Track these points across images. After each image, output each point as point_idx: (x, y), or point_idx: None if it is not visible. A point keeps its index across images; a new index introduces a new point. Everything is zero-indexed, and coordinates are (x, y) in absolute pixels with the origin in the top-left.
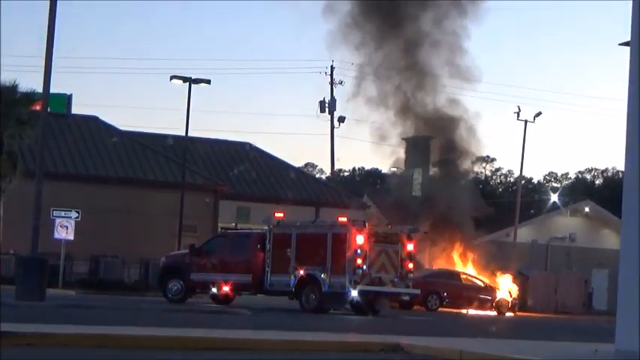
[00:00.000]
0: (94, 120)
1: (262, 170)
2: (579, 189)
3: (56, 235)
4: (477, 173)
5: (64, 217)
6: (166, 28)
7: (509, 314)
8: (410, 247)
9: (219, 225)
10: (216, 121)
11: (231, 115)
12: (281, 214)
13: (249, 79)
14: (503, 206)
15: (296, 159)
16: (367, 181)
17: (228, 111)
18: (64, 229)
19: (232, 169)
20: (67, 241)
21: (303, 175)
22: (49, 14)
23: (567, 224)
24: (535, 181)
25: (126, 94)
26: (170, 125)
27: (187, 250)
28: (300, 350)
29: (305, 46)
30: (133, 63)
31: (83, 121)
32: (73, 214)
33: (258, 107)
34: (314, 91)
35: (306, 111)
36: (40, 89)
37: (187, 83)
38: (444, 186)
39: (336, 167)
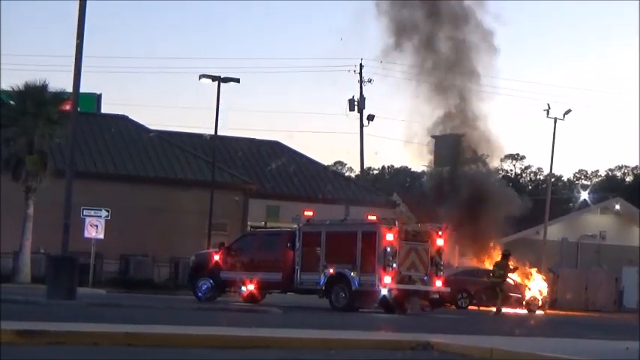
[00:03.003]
0: (123, 119)
1: (292, 169)
2: (609, 186)
3: (86, 234)
4: (507, 171)
5: (94, 216)
6: (195, 27)
7: (539, 312)
8: (439, 244)
9: (249, 223)
10: (245, 119)
11: (260, 114)
12: (310, 213)
13: (278, 77)
14: (533, 204)
15: (326, 157)
16: (397, 179)
17: (257, 109)
18: (95, 228)
19: (262, 168)
20: (98, 240)
21: (333, 173)
22: (79, 14)
23: (597, 222)
24: (565, 178)
25: (155, 94)
26: (199, 124)
27: (217, 249)
28: (331, 348)
29: (334, 43)
30: (162, 62)
31: (113, 120)
32: (103, 213)
33: (288, 106)
34: (343, 90)
35: (336, 109)
36: (69, 89)
37: (216, 82)
38: (473, 184)
39: (367, 165)
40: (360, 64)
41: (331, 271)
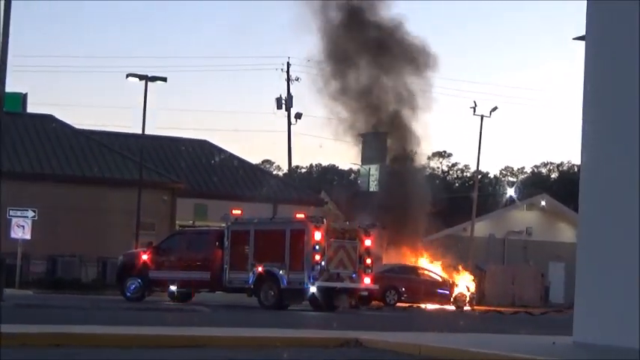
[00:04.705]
0: (49, 119)
1: (220, 167)
2: (535, 183)
3: (13, 235)
4: (434, 169)
5: (20, 216)
6: (122, 26)
7: (467, 308)
8: (368, 242)
9: (177, 223)
10: (174, 119)
11: (188, 113)
12: (239, 211)
13: (206, 76)
14: (460, 201)
15: (253, 156)
16: (324, 177)
17: (185, 108)
18: (21, 229)
19: (190, 167)
20: (24, 241)
21: (261, 171)
22: (4, 13)
23: (524, 218)
24: (491, 175)
25: (82, 93)
26: (127, 123)
27: (145, 248)
28: (259, 346)
29: (262, 42)
30: (90, 61)
31: (39, 119)
32: (30, 213)
33: (216, 104)
34: (271, 88)
35: (264, 108)
36: None
37: (144, 81)
38: (400, 181)
39: (294, 163)
40: (288, 63)
41: (260, 269)
